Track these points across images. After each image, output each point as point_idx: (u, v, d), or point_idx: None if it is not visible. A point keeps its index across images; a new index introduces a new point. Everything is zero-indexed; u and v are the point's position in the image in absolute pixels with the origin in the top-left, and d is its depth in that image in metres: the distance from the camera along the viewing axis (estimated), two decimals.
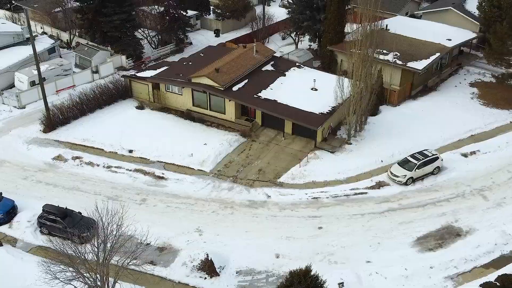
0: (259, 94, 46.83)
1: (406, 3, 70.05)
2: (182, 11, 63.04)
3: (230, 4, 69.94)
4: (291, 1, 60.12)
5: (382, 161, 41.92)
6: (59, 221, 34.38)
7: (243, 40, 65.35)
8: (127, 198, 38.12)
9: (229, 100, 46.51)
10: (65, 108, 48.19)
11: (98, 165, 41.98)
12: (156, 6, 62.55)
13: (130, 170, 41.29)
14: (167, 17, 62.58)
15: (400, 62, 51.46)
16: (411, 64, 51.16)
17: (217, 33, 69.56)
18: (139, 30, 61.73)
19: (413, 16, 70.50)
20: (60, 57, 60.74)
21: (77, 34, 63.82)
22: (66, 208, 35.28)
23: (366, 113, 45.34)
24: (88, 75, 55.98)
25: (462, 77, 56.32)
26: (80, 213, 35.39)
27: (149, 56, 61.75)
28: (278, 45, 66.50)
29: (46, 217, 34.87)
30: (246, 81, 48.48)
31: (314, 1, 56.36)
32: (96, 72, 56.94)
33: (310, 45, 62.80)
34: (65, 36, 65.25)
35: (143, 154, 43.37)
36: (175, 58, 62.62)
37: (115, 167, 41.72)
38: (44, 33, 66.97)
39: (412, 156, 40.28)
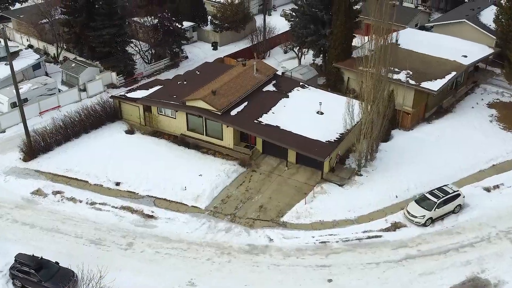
0: (260, 119, 42.66)
1: (416, 14, 65.95)
2: (177, 23, 58.86)
3: (229, 15, 65.79)
4: (294, 14, 55.93)
5: (396, 196, 37.77)
6: (33, 274, 30.19)
7: (242, 54, 61.24)
8: (112, 242, 33.93)
9: (227, 126, 42.35)
10: (48, 133, 44.02)
11: (81, 201, 37.78)
12: (149, 18, 58.32)
13: (116, 208, 37.09)
14: (161, 30, 58.42)
15: (413, 82, 47.32)
16: (425, 85, 47.02)
17: (214, 46, 65.39)
18: (131, 44, 57.48)
19: (423, 28, 66.34)
20: (46, 73, 56.61)
21: (64, 47, 59.58)
22: (41, 258, 31.05)
23: (378, 140, 41.18)
24: (75, 94, 51.79)
25: (479, 96, 52.16)
26: (58, 263, 31.24)
27: (142, 72, 57.56)
28: (280, 60, 62.37)
29: (19, 269, 30.69)
30: (245, 103, 44.33)
31: (319, 14, 52.13)
32: (84, 90, 52.79)
33: (313, 60, 58.66)
34: (52, 49, 61.08)
35: (132, 187, 39.19)
36: (170, 73, 58.59)
37: (99, 203, 37.53)
38: (30, 46, 62.88)
39: (431, 193, 36.12)
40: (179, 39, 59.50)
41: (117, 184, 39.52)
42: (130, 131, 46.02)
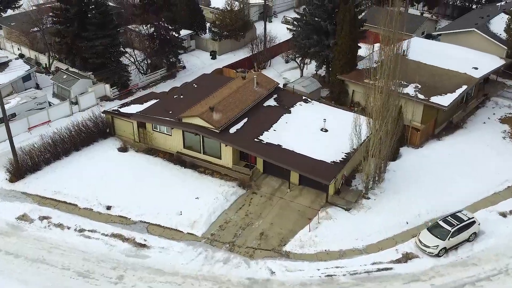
0: (261, 137, 40.18)
1: (423, 22, 63.50)
2: (174, 32, 56.38)
3: (228, 23, 63.31)
4: (296, 23, 53.45)
5: (407, 222, 35.26)
6: None
7: (242, 64, 58.79)
8: (101, 275, 31.39)
9: (226, 145, 39.87)
10: (36, 151, 41.55)
11: (69, 228, 35.27)
12: (144, 27, 55.81)
13: (106, 235, 34.56)
14: (157, 39, 55.95)
15: (422, 97, 44.88)
16: (435, 100, 44.59)
17: (213, 55, 62.91)
18: (126, 54, 54.93)
19: (430, 36, 63.92)
20: (37, 85, 54.16)
21: (56, 57, 57.07)
22: None
23: (386, 160, 38.68)
24: (66, 107, 49.31)
25: (490, 110, 49.66)
26: None
27: (137, 84, 55.08)
28: (281, 70, 59.90)
29: None
30: (245, 120, 41.86)
31: (323, 24, 49.64)
32: (76, 103, 50.32)
33: (316, 71, 56.19)
34: (44, 59, 58.61)
35: (123, 212, 36.67)
36: (166, 84, 56.18)
37: (88, 230, 35.01)
38: (21, 55, 60.48)
39: (445, 220, 33.60)
40: (176, 49, 57.02)
41: (108, 208, 37.01)
42: (123, 149, 43.53)
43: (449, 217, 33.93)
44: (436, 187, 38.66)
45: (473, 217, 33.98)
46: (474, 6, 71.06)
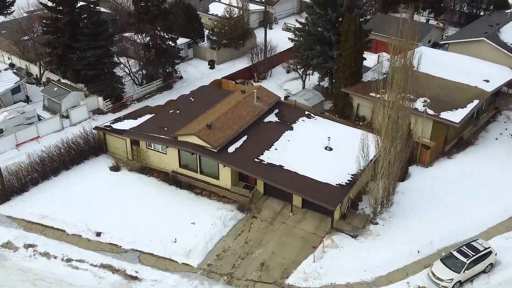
0: (261, 157, 37.78)
1: (429, 30, 61.11)
2: (170, 41, 53.97)
3: (227, 31, 60.87)
4: (298, 33, 51.04)
5: (418, 251, 32.85)
6: None
7: (242, 75, 56.43)
8: None
9: (224, 166, 37.48)
10: (23, 171, 39.19)
11: (55, 257, 32.88)
12: (140, 36, 53.42)
13: (95, 266, 32.14)
14: (153, 49, 53.56)
15: (431, 112, 42.52)
16: (445, 115, 42.24)
17: (211, 64, 60.50)
18: (121, 65, 52.50)
19: (436, 45, 61.53)
20: (27, 97, 51.80)
21: (48, 68, 54.60)
22: None
23: (396, 182, 36.20)
24: (57, 122, 46.90)
25: (502, 125, 47.24)
26: None
27: (132, 96, 52.65)
28: (282, 80, 57.48)
29: None
30: (244, 138, 39.49)
31: (326, 35, 47.22)
32: (67, 117, 47.93)
33: (319, 82, 53.77)
34: (35, 69, 56.20)
35: (114, 239, 34.27)
36: (163, 96, 53.83)
37: (76, 260, 32.61)
38: (12, 64, 58.12)
39: (459, 251, 31.17)
40: (172, 59, 54.61)
41: (98, 234, 34.61)
42: (115, 168, 41.14)
43: (463, 247, 31.52)
44: (448, 211, 36.32)
45: (489, 247, 31.56)
46: (481, 13, 68.68)
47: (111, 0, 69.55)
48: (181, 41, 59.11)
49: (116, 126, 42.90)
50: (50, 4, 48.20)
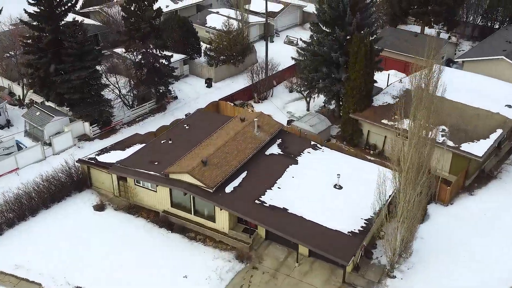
0: (263, 198, 33.61)
1: (443, 46, 56.86)
2: (164, 60, 49.78)
3: (225, 46, 56.67)
4: (302, 52, 46.85)
5: None
6: None
7: (241, 96, 52.29)
8: None
9: (221, 210, 33.31)
10: None
11: None
12: (130, 55, 49.29)
13: None
14: (145, 68, 49.43)
15: (451, 144, 38.39)
16: (466, 147, 38.17)
17: (208, 82, 56.33)
18: (110, 86, 48.31)
19: (450, 61, 57.51)
20: (8, 121, 47.63)
21: (31, 89, 50.39)
22: None
23: (416, 227, 31.93)
24: (38, 152, 42.71)
25: None
26: None
27: (121, 120, 48.46)
28: (285, 101, 53.33)
29: None
30: (244, 174, 35.35)
31: (333, 56, 43.05)
32: (50, 144, 43.76)
33: (324, 104, 49.55)
34: (18, 89, 52.02)
35: None
36: (155, 119, 49.78)
37: None
38: None
39: None
40: (166, 78, 50.45)
41: None
42: (99, 207, 36.91)
43: None
44: (473, 259, 32.20)
45: None
46: (496, 26, 64.61)
47: (102, 11, 65.42)
48: (176, 57, 55.04)
49: (102, 158, 38.73)
50: (31, 19, 44.07)
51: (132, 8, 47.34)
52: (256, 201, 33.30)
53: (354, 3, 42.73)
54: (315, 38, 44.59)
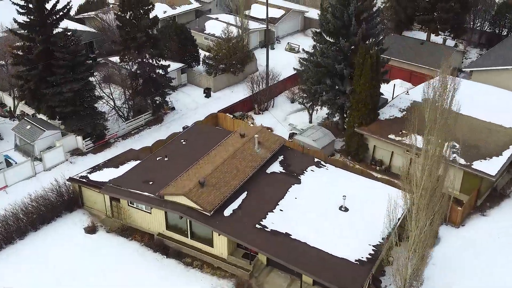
0: (264, 222, 31.57)
1: (451, 54, 54.72)
2: (161, 70, 47.81)
3: (224, 54, 54.67)
4: (304, 62, 44.83)
5: None
6: None
7: (241, 107, 50.32)
8: None
9: (219, 235, 31.29)
10: None
11: None
12: (125, 65, 47.33)
13: None
14: (140, 79, 47.47)
15: (463, 161, 36.39)
16: (478, 165, 36.21)
17: (207, 92, 54.31)
18: (104, 97, 46.30)
19: (457, 70, 55.42)
20: None
21: (22, 100, 48.38)
22: None
23: (428, 255, 29.83)
24: (28, 168, 40.71)
25: None
26: None
27: (116, 133, 46.45)
28: (286, 111, 51.33)
29: None
30: (244, 195, 33.34)
31: (338, 68, 41.06)
32: (41, 160, 41.79)
33: (327, 116, 47.46)
34: (9, 100, 50.05)
35: None
36: (152, 131, 47.92)
37: None
38: None
39: None
40: (163, 89, 48.47)
41: None
42: (91, 229, 34.88)
43: None
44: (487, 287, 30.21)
45: None
46: (504, 33, 62.59)
47: (97, 18, 63.45)
48: (173, 66, 53.09)
49: (94, 176, 36.75)
50: (21, 29, 42.09)
51: (127, 17, 45.40)
52: (257, 225, 31.26)
53: (359, 12, 40.80)
54: (318, 49, 42.57)
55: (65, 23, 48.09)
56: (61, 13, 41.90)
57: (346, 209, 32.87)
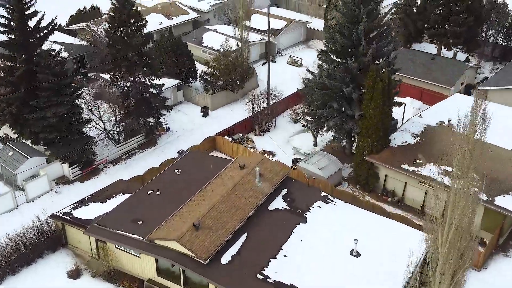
0: (266, 271, 28.19)
1: (464, 71, 51.53)
2: (154, 89, 44.53)
3: (223, 70, 51.25)
4: (308, 83, 41.47)
5: None
6: None
7: (240, 129, 46.99)
8: None
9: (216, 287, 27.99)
10: None
11: None
12: (115, 84, 44.07)
13: None
14: (132, 99, 44.19)
15: (485, 197, 33.07)
16: (501, 201, 32.92)
17: (205, 111, 50.97)
18: (93, 121, 42.93)
19: (470, 87, 52.23)
20: None
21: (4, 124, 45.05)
22: None
23: None
24: (8, 200, 37.44)
25: None
26: None
27: (106, 158, 43.15)
28: (289, 133, 47.94)
29: None
30: (243, 238, 30.04)
31: (346, 91, 37.78)
32: (23, 189, 38.53)
33: (334, 138, 44.02)
34: None
35: None
36: (144, 155, 44.76)
37: None
38: None
39: None
40: (157, 109, 45.17)
41: None
42: (74, 274, 31.58)
43: None
44: None
45: None
46: None
47: (89, 29, 60.17)
48: (168, 83, 49.86)
49: (79, 212, 33.45)
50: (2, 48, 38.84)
51: (118, 33, 42.12)
52: (258, 275, 27.91)
53: (369, 30, 37.53)
54: (324, 69, 39.23)
55: (55, 36, 44.82)
56: (45, 31, 38.66)
57: (358, 254, 29.52)
